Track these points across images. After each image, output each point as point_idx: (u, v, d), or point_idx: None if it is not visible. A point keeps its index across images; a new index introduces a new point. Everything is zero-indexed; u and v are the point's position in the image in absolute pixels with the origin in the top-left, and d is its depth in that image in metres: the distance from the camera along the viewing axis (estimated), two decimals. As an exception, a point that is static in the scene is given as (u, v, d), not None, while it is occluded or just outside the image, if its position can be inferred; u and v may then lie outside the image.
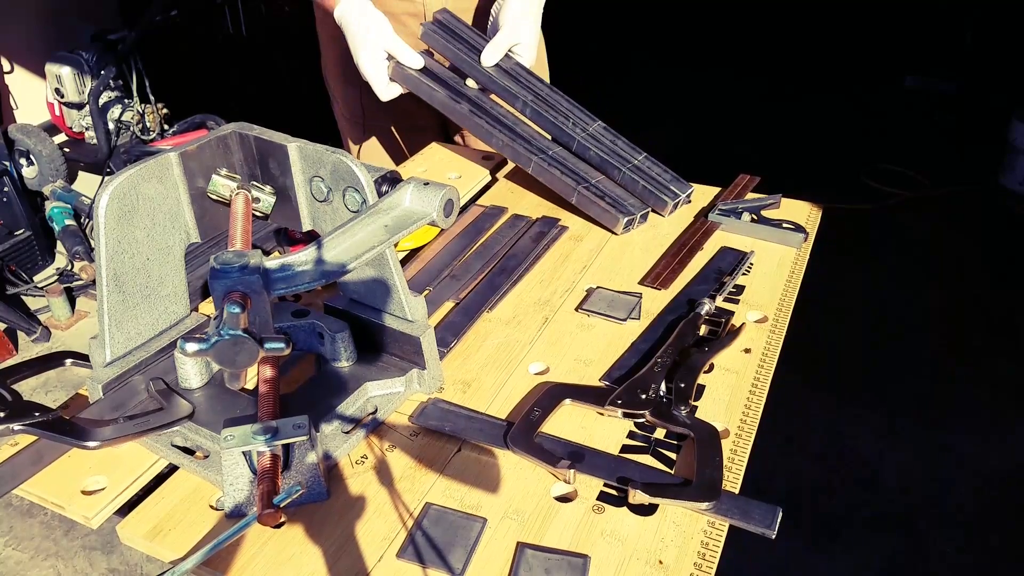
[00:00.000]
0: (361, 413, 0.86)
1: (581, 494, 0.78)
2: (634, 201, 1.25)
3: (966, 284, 2.96)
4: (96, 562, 1.98)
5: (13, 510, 2.11)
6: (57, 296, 2.80)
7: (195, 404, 0.83)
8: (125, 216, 0.83)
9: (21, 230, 2.99)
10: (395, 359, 0.91)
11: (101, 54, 3.11)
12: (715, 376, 0.92)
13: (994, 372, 2.52)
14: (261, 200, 0.93)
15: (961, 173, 3.68)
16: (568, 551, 0.71)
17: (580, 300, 1.07)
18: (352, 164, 0.84)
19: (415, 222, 0.79)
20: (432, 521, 0.74)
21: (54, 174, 3.17)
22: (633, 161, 1.30)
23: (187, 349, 0.66)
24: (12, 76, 3.28)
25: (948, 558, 1.94)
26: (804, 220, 1.23)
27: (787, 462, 2.19)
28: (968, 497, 2.10)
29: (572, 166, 1.28)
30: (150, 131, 3.19)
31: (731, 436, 0.84)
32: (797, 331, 1.06)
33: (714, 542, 0.72)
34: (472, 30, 1.41)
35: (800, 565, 1.90)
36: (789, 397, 2.16)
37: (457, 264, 1.15)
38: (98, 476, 0.80)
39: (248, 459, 0.73)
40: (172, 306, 0.92)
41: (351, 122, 1.67)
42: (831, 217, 1.32)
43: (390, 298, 0.88)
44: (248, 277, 0.69)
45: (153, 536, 0.74)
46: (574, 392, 0.88)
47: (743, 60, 5.09)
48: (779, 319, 1.03)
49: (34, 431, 0.76)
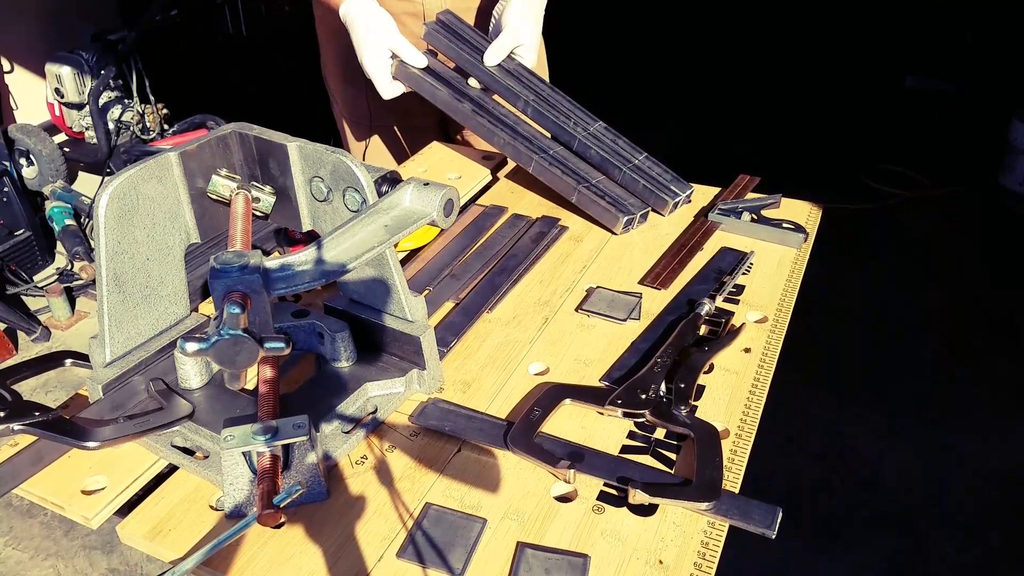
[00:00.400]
0: (361, 413, 0.86)
1: (581, 494, 0.78)
2: (634, 201, 1.25)
3: (966, 284, 2.96)
4: (96, 562, 1.98)
5: (13, 510, 2.11)
6: (57, 296, 2.80)
7: (195, 404, 0.83)
8: (125, 216, 0.83)
9: (21, 230, 2.99)
10: (395, 359, 0.91)
11: (101, 54, 3.11)
12: (715, 376, 0.92)
13: (994, 372, 2.52)
14: (261, 200, 0.93)
15: (961, 173, 3.68)
16: (568, 551, 0.71)
17: (580, 300, 1.07)
18: (352, 164, 0.84)
19: (415, 222, 0.79)
20: (432, 521, 0.74)
21: (54, 174, 3.17)
22: (633, 161, 1.30)
23: (187, 349, 0.66)
24: (12, 76, 3.28)
25: (948, 558, 1.94)
26: (804, 220, 1.23)
27: (787, 462, 2.19)
28: (968, 497, 2.10)
29: (573, 166, 1.28)
30: (150, 131, 3.19)
31: (731, 436, 0.84)
32: (797, 331, 1.06)
33: (714, 542, 0.72)
34: (474, 31, 1.42)
35: (800, 565, 1.90)
36: (789, 397, 2.16)
37: (457, 264, 1.15)
38: (98, 476, 0.80)
39: (248, 459, 0.73)
40: (172, 306, 0.92)
41: (352, 122, 1.67)
42: (831, 217, 1.32)
43: (390, 298, 0.88)
44: (248, 277, 0.69)
45: (153, 536, 0.74)
46: (574, 392, 0.88)
47: (743, 60, 5.09)
48: (779, 319, 1.03)
49: (34, 431, 0.76)
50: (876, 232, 3.32)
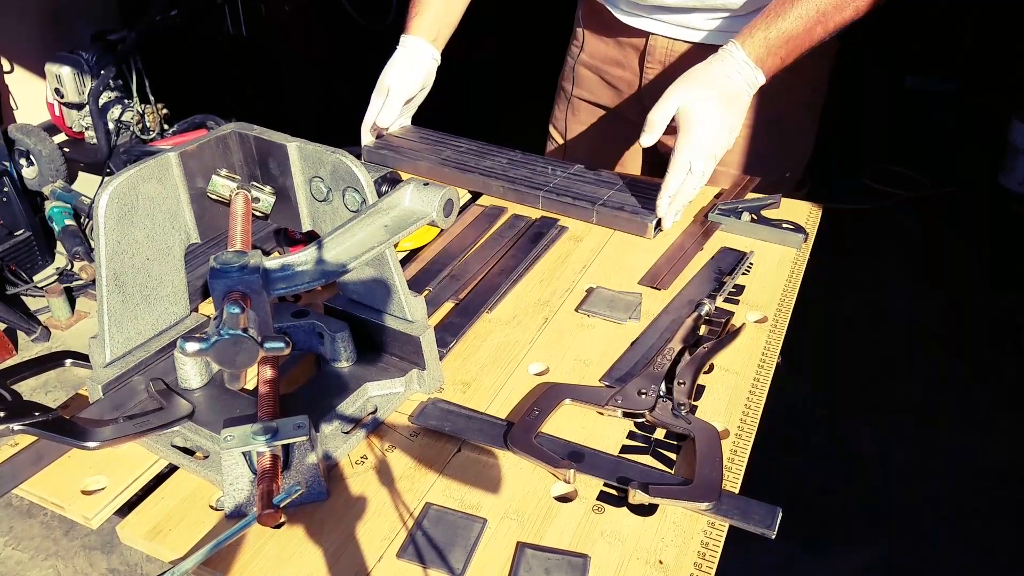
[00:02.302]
0: (361, 413, 0.86)
1: (581, 494, 0.78)
2: (651, 204, 1.24)
3: (966, 284, 2.96)
4: (96, 562, 1.98)
5: (13, 510, 2.11)
6: (57, 296, 2.80)
7: (195, 404, 0.83)
8: (125, 216, 0.83)
9: (21, 230, 2.99)
10: (395, 359, 0.91)
11: (101, 54, 3.10)
12: (715, 376, 0.92)
13: (994, 372, 2.52)
14: (261, 200, 0.93)
15: (961, 173, 3.67)
16: (568, 551, 0.71)
17: (580, 300, 1.07)
18: (352, 164, 0.84)
19: (415, 222, 0.79)
20: (432, 521, 0.74)
21: (54, 174, 3.17)
22: (622, 182, 1.31)
23: (187, 349, 0.66)
24: (12, 76, 3.27)
25: (948, 558, 1.94)
26: (804, 220, 1.23)
27: (787, 462, 2.19)
28: (968, 497, 2.10)
29: (577, 191, 1.28)
30: (150, 131, 3.19)
31: (731, 436, 0.84)
32: (797, 331, 1.06)
33: (714, 542, 0.72)
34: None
35: (800, 565, 1.90)
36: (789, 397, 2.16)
37: (457, 264, 1.15)
38: (98, 476, 0.80)
39: (248, 459, 0.73)
40: (172, 306, 0.92)
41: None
42: (831, 217, 1.32)
43: (390, 298, 0.88)
44: (248, 277, 0.69)
45: (153, 536, 0.74)
46: (574, 392, 0.88)
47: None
48: (779, 319, 1.03)
49: (34, 431, 0.76)
50: (876, 232, 3.32)
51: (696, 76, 1.17)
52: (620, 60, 1.48)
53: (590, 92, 1.57)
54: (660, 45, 1.40)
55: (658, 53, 1.41)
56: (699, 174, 1.16)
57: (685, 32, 1.36)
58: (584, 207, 1.25)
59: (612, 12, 1.42)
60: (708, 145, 1.15)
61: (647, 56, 1.42)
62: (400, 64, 1.38)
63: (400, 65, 1.37)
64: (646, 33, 1.40)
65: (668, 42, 1.39)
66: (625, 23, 1.41)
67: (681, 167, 1.16)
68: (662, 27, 1.38)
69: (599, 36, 1.50)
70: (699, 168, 1.16)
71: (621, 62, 1.48)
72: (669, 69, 1.41)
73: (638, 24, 1.40)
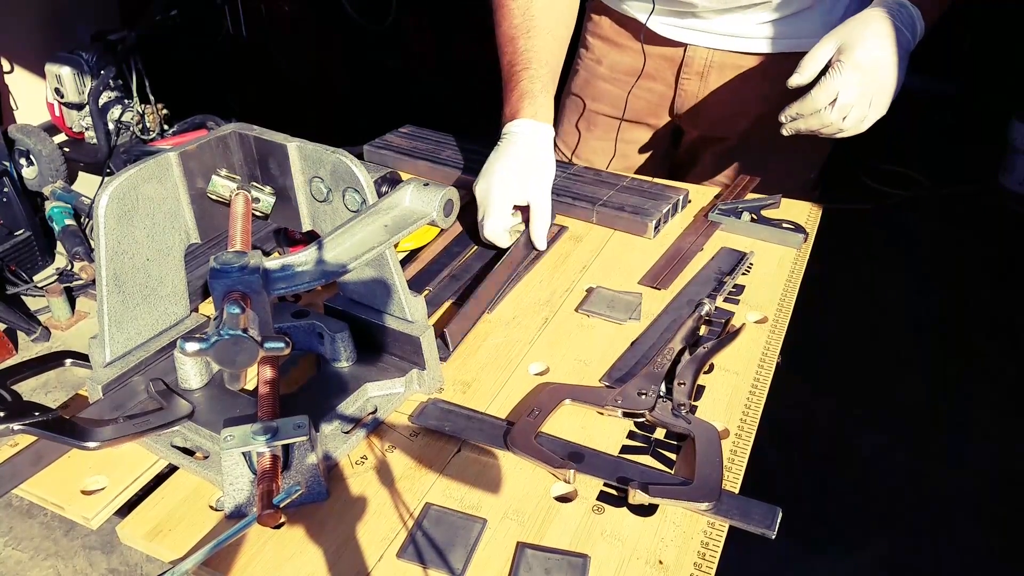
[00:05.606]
0: (361, 413, 0.86)
1: (581, 494, 0.78)
2: (651, 204, 1.25)
3: (966, 284, 2.96)
4: (96, 562, 1.98)
5: (13, 510, 2.11)
6: (57, 296, 2.80)
7: (195, 404, 0.83)
8: (125, 216, 0.83)
9: (21, 230, 2.99)
10: (395, 359, 0.91)
11: (101, 54, 3.10)
12: (715, 376, 0.92)
13: (994, 372, 2.52)
14: (261, 200, 0.93)
15: (961, 173, 3.67)
16: (568, 551, 0.71)
17: (580, 300, 1.07)
18: (352, 164, 0.84)
19: (415, 222, 0.79)
20: (432, 521, 0.74)
21: (54, 174, 3.17)
22: (622, 183, 1.31)
23: (187, 349, 0.66)
24: (12, 76, 3.27)
25: (948, 558, 1.94)
26: (804, 220, 1.23)
27: (787, 462, 2.19)
28: (969, 497, 2.10)
29: (578, 191, 1.28)
30: (150, 131, 3.19)
31: (731, 436, 0.84)
32: (797, 331, 1.06)
33: (714, 542, 0.72)
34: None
35: (800, 565, 1.90)
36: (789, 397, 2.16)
37: (457, 264, 1.15)
38: (98, 476, 0.80)
39: (248, 459, 0.73)
40: (172, 306, 0.92)
41: None
42: (831, 217, 1.32)
43: (390, 298, 0.88)
44: (248, 277, 0.69)
45: (153, 536, 0.74)
46: (574, 392, 0.88)
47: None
48: (779, 319, 1.03)
49: (34, 431, 0.76)
50: (876, 232, 3.32)
51: (860, 17, 1.07)
52: (651, 73, 1.45)
53: (611, 106, 1.52)
54: (699, 56, 1.38)
55: (696, 64, 1.39)
56: (840, 108, 1.01)
57: (723, 40, 1.35)
58: (584, 207, 1.25)
59: (646, 25, 1.37)
60: (867, 82, 1.02)
61: (684, 67, 1.41)
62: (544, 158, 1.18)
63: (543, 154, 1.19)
64: (683, 44, 1.38)
65: (708, 52, 1.37)
66: (660, 35, 1.38)
67: (826, 93, 1.02)
68: (700, 37, 1.36)
69: (619, 48, 1.47)
70: (845, 100, 1.01)
71: (652, 75, 1.45)
72: (708, 79, 1.40)
73: (675, 36, 1.38)
